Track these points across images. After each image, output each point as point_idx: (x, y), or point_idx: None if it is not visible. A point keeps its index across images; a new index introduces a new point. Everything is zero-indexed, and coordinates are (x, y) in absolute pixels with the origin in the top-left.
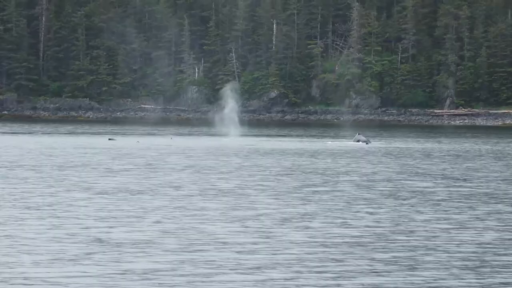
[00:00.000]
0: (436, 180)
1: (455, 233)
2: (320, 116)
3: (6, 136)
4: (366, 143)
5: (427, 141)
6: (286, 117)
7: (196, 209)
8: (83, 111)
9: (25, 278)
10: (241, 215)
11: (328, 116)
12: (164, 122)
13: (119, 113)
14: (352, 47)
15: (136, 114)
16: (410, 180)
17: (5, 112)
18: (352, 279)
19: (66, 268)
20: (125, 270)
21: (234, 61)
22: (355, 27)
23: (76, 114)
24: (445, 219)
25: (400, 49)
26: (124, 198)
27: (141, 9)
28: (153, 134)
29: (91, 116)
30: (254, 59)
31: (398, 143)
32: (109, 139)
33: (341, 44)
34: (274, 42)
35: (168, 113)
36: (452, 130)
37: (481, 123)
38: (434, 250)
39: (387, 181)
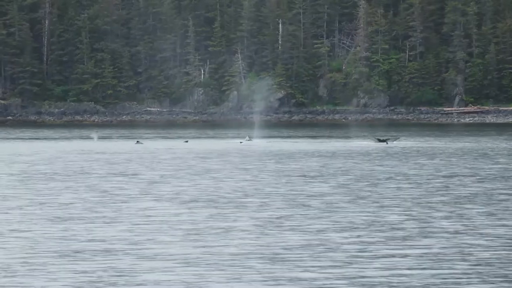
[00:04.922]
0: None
1: None
2: (328, 116)
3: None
4: (386, 142)
5: (453, 140)
6: (293, 118)
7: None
8: (88, 115)
9: None
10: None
11: (336, 116)
12: (171, 124)
13: (124, 116)
14: (359, 46)
15: (142, 117)
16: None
17: (10, 117)
18: None
19: None
20: None
21: (240, 62)
22: (361, 25)
23: (81, 118)
24: None
25: (408, 46)
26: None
27: (145, 11)
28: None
29: (96, 120)
30: (260, 59)
31: (422, 143)
32: (137, 141)
33: (348, 42)
34: (280, 42)
35: (174, 116)
36: (464, 128)
37: (491, 121)
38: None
39: (443, 184)
